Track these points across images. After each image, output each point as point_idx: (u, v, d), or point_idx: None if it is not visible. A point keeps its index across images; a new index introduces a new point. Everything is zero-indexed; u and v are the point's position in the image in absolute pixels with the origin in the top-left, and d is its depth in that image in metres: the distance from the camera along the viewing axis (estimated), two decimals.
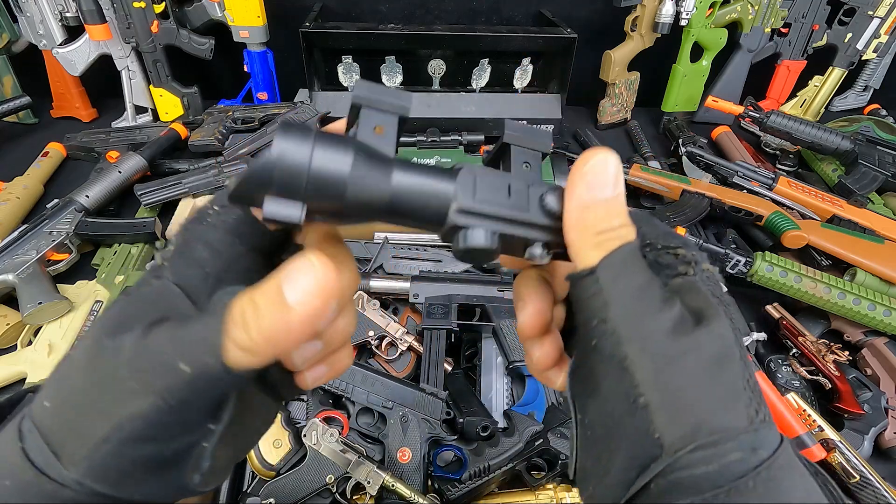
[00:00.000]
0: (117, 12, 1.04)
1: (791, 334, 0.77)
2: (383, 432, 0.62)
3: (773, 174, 0.98)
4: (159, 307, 0.20)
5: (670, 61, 1.22)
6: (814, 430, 0.64)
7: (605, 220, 0.22)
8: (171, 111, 1.17)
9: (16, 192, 0.92)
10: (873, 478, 0.60)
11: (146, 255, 0.87)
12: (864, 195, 0.96)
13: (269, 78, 1.17)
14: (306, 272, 0.19)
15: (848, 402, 0.68)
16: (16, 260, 0.77)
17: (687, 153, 1.04)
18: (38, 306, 0.72)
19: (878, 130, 1.09)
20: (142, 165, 0.96)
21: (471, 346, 0.76)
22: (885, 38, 1.22)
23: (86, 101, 1.20)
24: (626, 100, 1.25)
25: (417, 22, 1.23)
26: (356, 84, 0.23)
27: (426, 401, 0.64)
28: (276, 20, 1.12)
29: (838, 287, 0.76)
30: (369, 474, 0.57)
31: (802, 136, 1.03)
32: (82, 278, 0.82)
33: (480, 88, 1.15)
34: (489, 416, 0.65)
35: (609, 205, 0.22)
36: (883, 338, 0.77)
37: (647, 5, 1.10)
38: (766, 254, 0.80)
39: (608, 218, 0.22)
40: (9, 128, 1.17)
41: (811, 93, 1.29)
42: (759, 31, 1.19)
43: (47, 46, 1.09)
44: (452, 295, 0.75)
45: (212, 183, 0.95)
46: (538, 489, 0.60)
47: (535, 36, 1.10)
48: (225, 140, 1.05)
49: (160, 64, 1.12)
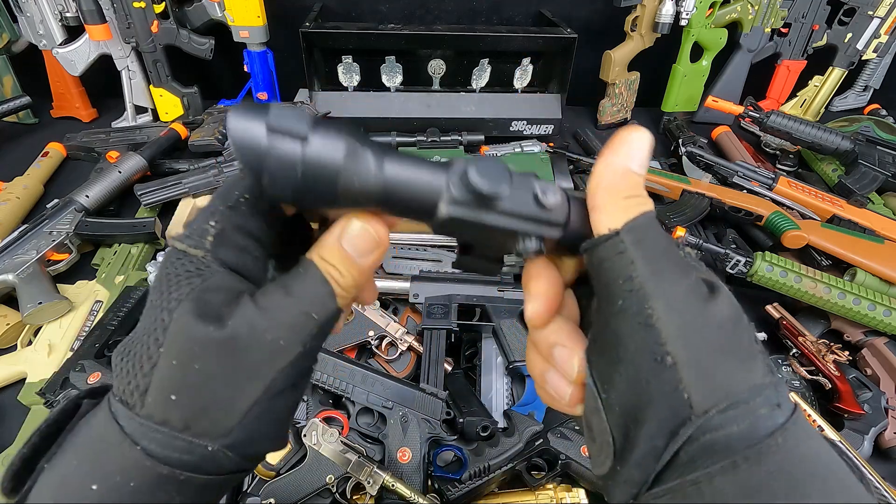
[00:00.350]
0: (117, 12, 1.04)
1: (791, 334, 0.77)
2: (383, 432, 0.62)
3: (773, 174, 0.98)
4: (232, 290, 0.22)
5: (670, 61, 1.22)
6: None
7: (634, 188, 0.23)
8: (171, 111, 1.17)
9: (16, 192, 0.92)
10: (873, 478, 0.60)
11: (146, 254, 0.87)
12: (864, 195, 0.96)
13: (269, 78, 1.17)
14: (365, 236, 0.23)
15: (848, 402, 0.68)
16: (16, 260, 0.77)
17: (687, 153, 1.04)
18: (38, 306, 0.72)
19: (878, 130, 1.09)
20: (142, 165, 0.96)
21: (471, 346, 0.76)
22: (885, 38, 1.22)
23: (86, 101, 1.20)
24: (626, 100, 1.25)
25: (417, 22, 1.23)
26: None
27: (426, 401, 0.64)
28: (276, 20, 1.12)
29: (838, 287, 0.76)
30: (369, 474, 0.57)
31: (802, 136, 1.03)
32: (82, 278, 0.82)
33: (480, 88, 1.15)
34: (489, 416, 0.65)
35: (637, 178, 0.23)
36: (883, 338, 0.77)
37: (647, 5, 1.10)
38: (766, 254, 0.80)
39: (636, 187, 0.23)
40: (9, 128, 1.17)
41: (811, 93, 1.29)
42: (759, 31, 1.19)
43: (47, 46, 1.09)
44: (452, 295, 0.75)
45: (212, 183, 0.95)
46: (538, 489, 0.60)
47: (535, 36, 1.10)
48: (225, 140, 1.05)
49: (160, 64, 1.12)
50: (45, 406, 0.61)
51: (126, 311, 0.73)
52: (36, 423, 0.62)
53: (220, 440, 0.21)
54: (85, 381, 0.60)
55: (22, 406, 0.66)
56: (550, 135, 1.18)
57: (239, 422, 0.21)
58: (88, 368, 0.61)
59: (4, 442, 0.62)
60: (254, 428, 0.22)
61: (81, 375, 0.61)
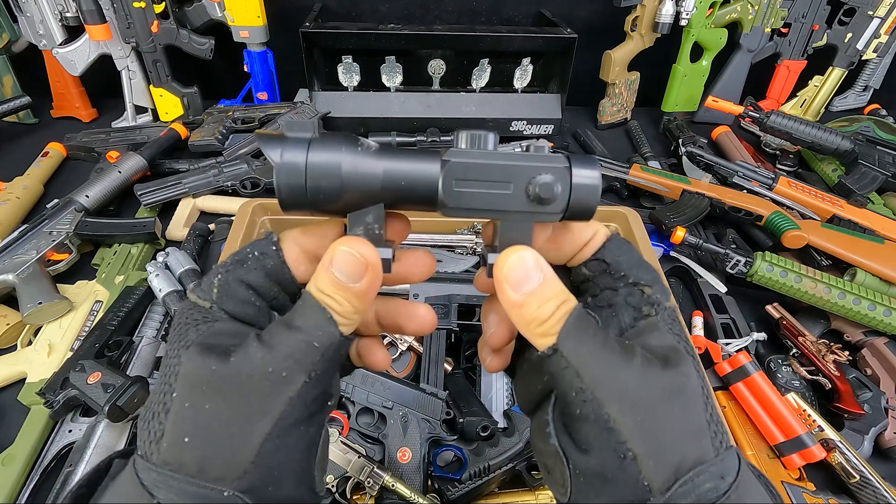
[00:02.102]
0: (117, 12, 1.04)
1: (791, 334, 0.77)
2: (383, 432, 0.62)
3: (773, 174, 0.98)
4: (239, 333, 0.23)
5: (670, 61, 1.22)
6: (814, 430, 0.64)
7: (543, 308, 0.23)
8: (171, 111, 1.17)
9: (16, 192, 0.92)
10: (873, 478, 0.60)
11: (146, 254, 0.87)
12: (864, 195, 0.96)
13: (269, 78, 1.17)
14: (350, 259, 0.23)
15: (848, 402, 0.68)
16: (16, 260, 0.77)
17: (687, 153, 1.04)
18: (38, 306, 0.72)
19: (878, 130, 1.09)
20: (142, 165, 0.96)
21: (471, 347, 0.76)
22: (885, 38, 1.22)
23: (86, 101, 1.20)
24: (626, 100, 1.25)
25: (417, 22, 1.23)
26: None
27: (426, 401, 0.64)
28: (276, 20, 1.12)
29: (838, 287, 0.76)
30: (369, 474, 0.57)
31: (802, 136, 1.03)
32: (82, 278, 0.82)
33: (480, 88, 1.15)
34: (489, 416, 0.64)
35: (540, 292, 0.23)
36: (883, 338, 0.76)
37: (647, 5, 1.10)
38: (766, 254, 0.80)
39: (544, 305, 0.23)
40: (9, 128, 1.17)
41: (811, 93, 1.29)
42: (759, 31, 1.19)
43: (47, 46, 1.09)
44: (452, 295, 0.75)
45: (212, 183, 0.95)
46: (538, 489, 0.60)
47: (535, 36, 1.10)
48: (225, 140, 1.05)
49: (160, 64, 1.12)
50: (45, 406, 0.61)
51: (126, 310, 0.73)
52: (36, 422, 0.62)
53: (236, 483, 0.21)
54: (85, 381, 0.60)
55: (22, 406, 0.66)
56: (550, 135, 1.18)
57: (252, 461, 0.21)
58: (88, 368, 0.61)
59: (4, 442, 0.61)
60: (269, 467, 0.22)
61: (81, 375, 0.61)
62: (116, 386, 0.59)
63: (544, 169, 0.23)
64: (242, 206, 0.74)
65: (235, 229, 0.71)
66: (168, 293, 0.76)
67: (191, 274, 0.79)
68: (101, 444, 0.59)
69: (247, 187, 0.98)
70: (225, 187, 0.96)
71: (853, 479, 0.61)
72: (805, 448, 0.61)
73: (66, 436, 0.62)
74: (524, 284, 0.23)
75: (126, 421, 0.60)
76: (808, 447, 0.61)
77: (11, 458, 0.59)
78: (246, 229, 0.71)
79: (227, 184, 0.96)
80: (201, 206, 0.96)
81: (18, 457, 0.59)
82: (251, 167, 0.97)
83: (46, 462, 0.60)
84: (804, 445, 0.61)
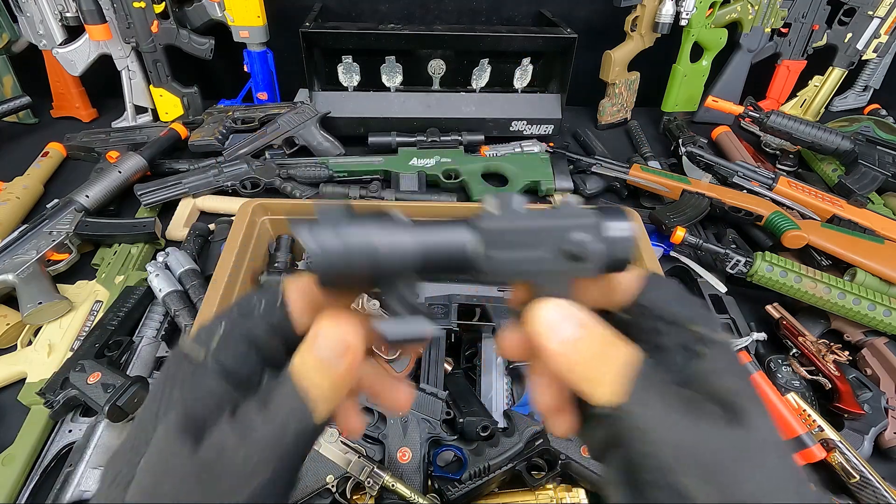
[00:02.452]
0: (117, 12, 1.04)
1: (791, 334, 0.77)
2: (383, 432, 0.62)
3: (773, 174, 0.98)
4: (222, 402, 0.22)
5: (670, 61, 1.22)
6: (814, 430, 0.64)
7: (600, 341, 0.22)
8: (171, 111, 1.17)
9: (16, 192, 0.92)
10: (873, 478, 0.60)
11: (146, 254, 0.87)
12: (864, 195, 0.96)
13: (269, 78, 1.17)
14: (332, 337, 0.23)
15: (848, 402, 0.68)
16: (16, 260, 0.77)
17: (687, 153, 1.04)
18: (38, 306, 0.72)
19: (878, 130, 1.09)
20: (142, 165, 0.96)
21: (471, 346, 0.76)
22: (885, 38, 1.22)
23: (86, 101, 1.20)
24: (626, 100, 1.25)
25: (417, 22, 1.23)
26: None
27: (426, 401, 0.64)
28: (276, 20, 1.12)
29: (838, 287, 0.76)
30: (369, 474, 0.57)
31: (802, 136, 1.03)
32: (82, 278, 0.82)
33: (480, 88, 1.15)
34: (489, 416, 0.64)
35: (586, 341, 0.22)
36: (883, 338, 0.76)
37: (647, 5, 1.10)
38: (766, 254, 0.80)
39: (600, 338, 0.22)
40: (9, 128, 1.17)
41: (811, 93, 1.29)
42: (759, 31, 1.19)
43: (47, 46, 1.09)
44: (452, 295, 0.75)
45: (212, 183, 0.95)
46: (538, 489, 0.60)
47: (535, 36, 1.10)
48: (225, 140, 1.05)
49: (160, 64, 1.12)
50: (45, 406, 0.61)
51: (126, 311, 0.73)
52: (36, 422, 0.62)
53: None
54: (85, 380, 0.60)
55: (22, 406, 0.66)
56: (550, 135, 1.18)
57: None
58: (88, 368, 0.61)
59: (4, 442, 0.62)
60: None
61: (81, 375, 0.61)
62: (116, 386, 0.59)
63: (576, 227, 0.24)
64: (242, 206, 0.74)
65: (235, 229, 0.71)
66: (168, 293, 0.76)
67: (191, 274, 0.79)
68: (101, 444, 0.59)
69: (247, 187, 0.98)
70: (225, 187, 0.96)
71: (853, 479, 0.61)
72: (805, 448, 0.61)
73: (66, 436, 0.62)
74: (556, 335, 0.22)
75: (126, 421, 0.60)
76: (808, 447, 0.61)
77: (11, 458, 0.59)
78: (246, 229, 0.71)
79: (227, 184, 0.96)
80: (201, 206, 0.96)
81: (18, 457, 0.59)
82: (251, 167, 0.97)
83: (46, 462, 0.60)
84: (804, 445, 0.61)
